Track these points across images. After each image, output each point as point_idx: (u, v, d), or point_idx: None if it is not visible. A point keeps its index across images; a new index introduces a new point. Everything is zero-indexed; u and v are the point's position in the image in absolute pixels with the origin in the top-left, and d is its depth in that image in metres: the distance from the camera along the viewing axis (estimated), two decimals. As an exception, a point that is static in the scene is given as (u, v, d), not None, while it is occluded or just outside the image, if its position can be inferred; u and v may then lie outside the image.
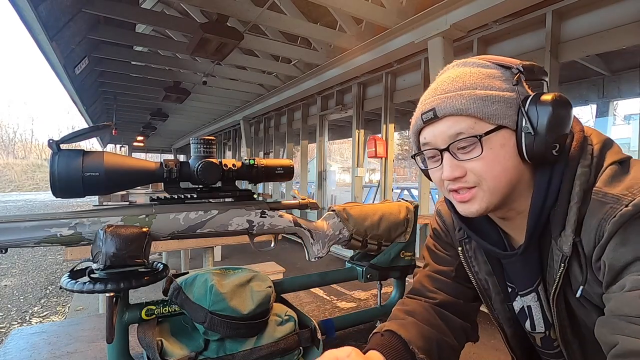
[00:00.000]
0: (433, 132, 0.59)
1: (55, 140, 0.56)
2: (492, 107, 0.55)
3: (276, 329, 0.70)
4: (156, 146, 17.82)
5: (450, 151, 0.58)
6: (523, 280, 0.65)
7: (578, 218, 0.54)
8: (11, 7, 3.08)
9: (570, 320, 0.61)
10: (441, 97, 0.58)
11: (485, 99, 0.56)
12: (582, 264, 0.55)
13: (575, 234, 0.54)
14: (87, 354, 0.81)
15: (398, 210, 0.92)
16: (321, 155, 6.87)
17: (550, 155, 0.55)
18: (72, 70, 5.01)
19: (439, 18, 3.27)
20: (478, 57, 0.62)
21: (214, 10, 3.77)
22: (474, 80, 0.57)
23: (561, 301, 0.59)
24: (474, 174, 0.57)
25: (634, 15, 2.76)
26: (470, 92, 0.56)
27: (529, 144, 0.55)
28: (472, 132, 0.56)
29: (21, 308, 3.96)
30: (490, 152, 0.56)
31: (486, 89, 0.56)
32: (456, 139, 0.57)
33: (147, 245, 0.60)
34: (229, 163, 0.70)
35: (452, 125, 0.57)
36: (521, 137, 0.55)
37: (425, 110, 0.59)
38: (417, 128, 0.62)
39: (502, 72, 0.58)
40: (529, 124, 0.54)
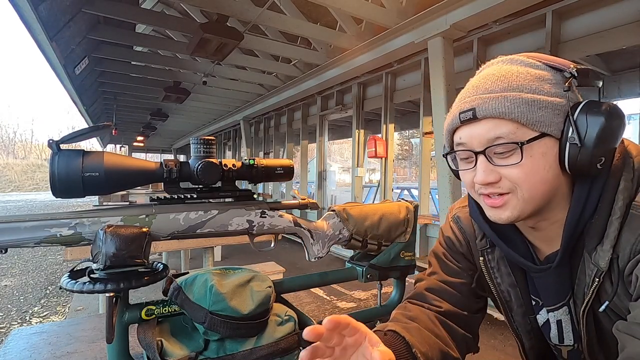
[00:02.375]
0: (470, 132, 0.55)
1: (55, 140, 0.56)
2: (538, 113, 0.51)
3: (276, 329, 0.70)
4: (156, 146, 17.82)
5: (487, 155, 0.54)
6: (553, 294, 0.61)
7: (618, 233, 0.51)
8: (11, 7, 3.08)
9: (597, 333, 0.59)
10: (483, 97, 0.54)
11: (532, 104, 0.51)
12: (614, 280, 0.52)
13: (614, 249, 0.52)
14: (87, 354, 0.81)
15: (398, 210, 0.92)
16: (321, 155, 6.87)
17: (594, 169, 0.51)
18: (72, 70, 5.01)
19: (439, 18, 3.27)
20: (527, 55, 0.57)
21: (214, 10, 3.77)
22: (521, 82, 0.53)
23: (590, 315, 0.57)
24: (510, 180, 0.54)
25: (634, 15, 2.76)
26: (516, 94, 0.52)
27: (573, 156, 0.51)
28: (512, 138, 0.52)
29: (21, 308, 3.96)
30: (530, 161, 0.52)
31: (534, 93, 0.52)
32: (494, 143, 0.53)
33: (147, 245, 0.60)
34: (229, 163, 0.70)
35: (491, 128, 0.53)
36: (565, 147, 0.52)
37: (464, 109, 0.55)
38: (453, 127, 0.58)
39: (552, 75, 0.54)
40: (576, 135, 0.51)
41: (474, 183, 0.58)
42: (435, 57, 3.38)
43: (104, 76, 6.34)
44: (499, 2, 2.81)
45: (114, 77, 6.43)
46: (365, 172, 6.02)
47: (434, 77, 3.39)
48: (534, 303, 0.66)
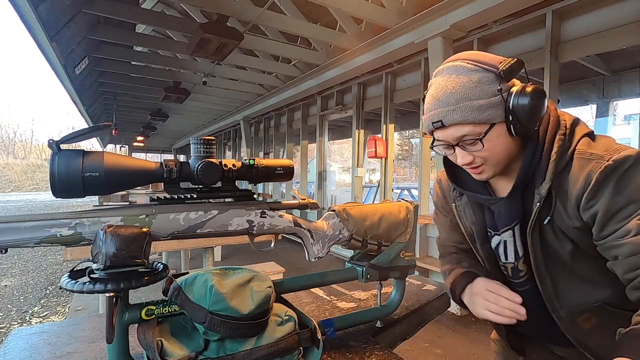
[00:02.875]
0: (444, 134, 0.75)
1: (55, 140, 0.56)
2: (485, 114, 0.71)
3: (276, 329, 0.70)
4: (156, 146, 17.82)
5: (460, 146, 0.75)
6: (505, 220, 0.80)
7: (554, 170, 0.72)
8: (11, 7, 3.08)
9: (543, 250, 0.77)
10: (445, 110, 0.72)
11: (480, 108, 0.70)
12: (553, 202, 0.73)
13: (552, 182, 0.72)
14: (87, 354, 0.81)
15: (398, 210, 0.92)
16: (321, 155, 6.87)
17: (532, 131, 0.73)
18: (72, 70, 5.02)
19: (439, 18, 3.27)
20: (466, 58, 0.74)
21: (214, 10, 3.77)
22: (468, 93, 0.71)
23: (537, 231, 0.76)
24: (481, 158, 0.75)
25: (634, 15, 2.76)
26: (466, 104, 0.71)
27: (517, 131, 0.72)
28: (473, 135, 0.72)
29: (21, 308, 3.96)
30: (489, 144, 0.73)
31: (479, 99, 0.70)
32: (462, 139, 0.73)
33: (147, 245, 0.60)
34: (229, 163, 0.70)
35: (457, 130, 0.73)
36: (511, 130, 0.72)
37: (435, 120, 0.74)
38: (430, 129, 0.78)
39: (487, 76, 0.71)
40: (515, 118, 0.71)
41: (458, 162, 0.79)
42: (435, 57, 3.38)
43: (104, 76, 6.34)
44: (499, 2, 2.81)
45: (114, 77, 6.43)
46: (365, 172, 6.02)
47: (433, 77, 3.39)
48: (489, 234, 0.86)
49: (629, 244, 0.65)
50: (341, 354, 0.80)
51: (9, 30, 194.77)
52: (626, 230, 0.66)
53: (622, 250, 0.67)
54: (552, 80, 3.16)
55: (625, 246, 0.66)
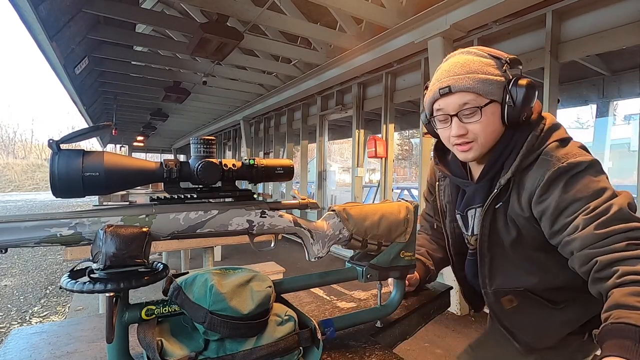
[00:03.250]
0: (446, 101, 0.84)
1: (55, 140, 0.56)
2: (489, 87, 0.81)
3: (276, 329, 0.70)
4: (156, 146, 17.82)
5: (458, 116, 0.83)
6: (470, 202, 0.93)
7: (518, 165, 0.81)
8: (11, 7, 3.08)
9: (490, 232, 0.89)
10: (455, 78, 0.82)
11: (485, 81, 0.81)
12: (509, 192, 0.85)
13: (513, 174, 0.82)
14: (87, 354, 0.81)
15: (398, 210, 0.92)
16: (321, 155, 6.87)
17: (521, 121, 0.82)
18: (72, 70, 5.01)
19: (439, 18, 3.27)
20: (477, 48, 0.87)
21: (214, 10, 3.77)
22: (477, 67, 0.82)
23: (488, 216, 0.88)
24: (473, 132, 0.83)
25: (634, 15, 2.76)
26: (475, 75, 0.81)
27: (509, 112, 0.82)
28: (474, 104, 0.81)
29: (21, 308, 3.96)
30: (485, 118, 0.82)
31: (486, 74, 0.81)
32: (463, 108, 0.82)
33: (147, 245, 0.60)
34: (229, 163, 0.70)
35: (461, 97, 0.81)
36: (504, 108, 0.82)
37: (443, 86, 0.83)
38: (433, 99, 0.86)
39: (495, 62, 0.84)
40: (511, 99, 0.81)
41: (449, 137, 0.87)
42: (435, 57, 3.38)
43: (104, 76, 6.34)
44: (499, 2, 2.81)
45: (114, 77, 6.43)
46: (365, 172, 6.02)
47: (434, 77, 3.39)
48: (456, 213, 1.00)
49: (578, 239, 0.72)
50: (341, 354, 0.80)
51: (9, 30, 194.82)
52: (574, 226, 0.73)
53: (574, 245, 0.74)
54: (552, 80, 3.16)
55: (576, 241, 0.73)
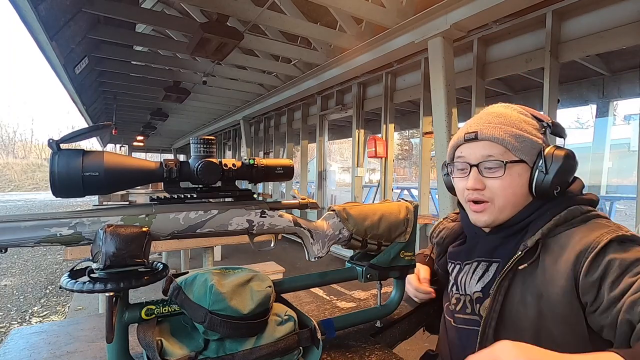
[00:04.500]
0: (470, 149, 0.76)
1: (55, 139, 0.56)
2: (521, 144, 0.72)
3: (276, 329, 0.70)
4: (156, 146, 17.82)
5: (479, 168, 0.74)
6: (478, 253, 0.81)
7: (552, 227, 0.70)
8: (11, 7, 3.08)
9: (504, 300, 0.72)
10: (485, 125, 0.74)
11: (518, 137, 0.72)
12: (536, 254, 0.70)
13: (543, 237, 0.69)
14: (87, 353, 0.81)
15: (398, 210, 0.92)
16: (321, 155, 6.87)
17: (551, 194, 0.72)
18: (72, 70, 5.01)
19: (439, 18, 3.27)
20: (520, 106, 0.78)
21: (214, 10, 3.77)
22: (514, 121, 0.74)
23: (506, 281, 0.72)
24: (491, 190, 0.74)
25: (634, 15, 2.76)
26: (508, 128, 0.73)
27: (539, 180, 0.72)
28: (500, 158, 0.72)
29: (21, 308, 3.96)
30: (509, 178, 0.72)
31: (520, 130, 0.73)
32: (486, 159, 0.73)
33: (147, 245, 0.60)
34: (229, 163, 0.70)
35: (487, 148, 0.73)
36: (534, 174, 0.72)
37: (470, 131, 0.75)
38: (457, 143, 0.79)
39: (535, 122, 0.76)
40: (544, 165, 0.71)
41: (464, 189, 0.78)
42: (435, 57, 3.38)
43: (104, 76, 6.34)
44: (499, 2, 2.81)
45: (114, 77, 6.43)
46: (365, 172, 6.02)
47: (434, 77, 3.39)
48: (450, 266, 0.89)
49: None
50: (341, 354, 0.80)
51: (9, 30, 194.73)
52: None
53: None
54: (552, 80, 3.16)
55: None
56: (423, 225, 4.41)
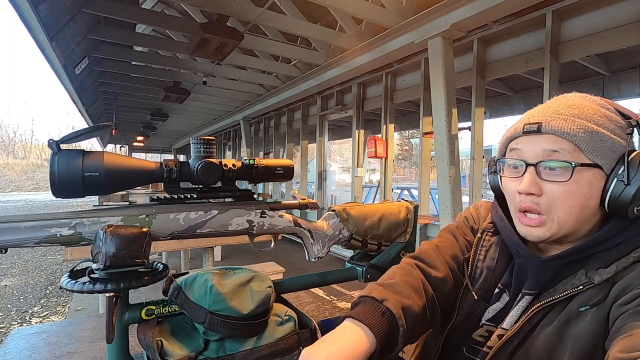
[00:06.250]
0: (529, 142, 0.58)
1: (55, 140, 0.56)
2: (597, 144, 0.55)
3: (276, 329, 0.70)
4: (156, 146, 17.81)
5: (537, 168, 0.57)
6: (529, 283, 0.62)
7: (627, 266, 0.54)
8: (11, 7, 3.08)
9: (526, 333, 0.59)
10: (552, 116, 0.57)
11: (595, 135, 0.55)
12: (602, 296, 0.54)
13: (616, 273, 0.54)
14: (87, 354, 0.81)
15: (398, 210, 0.92)
16: (321, 155, 6.87)
17: (630, 212, 0.54)
18: (72, 70, 5.01)
19: (439, 18, 3.27)
20: (601, 98, 0.61)
21: (214, 10, 3.77)
22: (591, 114, 0.57)
23: (539, 314, 0.58)
24: (549, 198, 0.56)
25: (634, 15, 2.76)
26: (583, 121, 0.56)
27: (616, 192, 0.54)
28: (568, 157, 0.55)
29: (21, 308, 3.96)
30: (576, 184, 0.55)
31: (599, 126, 0.56)
32: (549, 157, 0.56)
33: (147, 245, 0.60)
34: (229, 163, 0.70)
35: (551, 142, 0.56)
36: (612, 183, 0.55)
37: (531, 122, 0.58)
38: (513, 136, 0.61)
39: (620, 119, 0.58)
40: (626, 173, 0.54)
41: (515, 193, 0.60)
42: (435, 57, 3.38)
43: (104, 76, 6.34)
44: (499, 2, 2.81)
45: (114, 77, 6.43)
46: (365, 172, 6.02)
47: (434, 77, 3.39)
48: (496, 291, 0.66)
49: None
50: (341, 354, 0.80)
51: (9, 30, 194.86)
52: None
53: None
54: (552, 80, 3.16)
55: None
56: (423, 225, 4.41)
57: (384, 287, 0.61)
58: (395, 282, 0.63)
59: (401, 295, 0.60)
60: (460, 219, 0.79)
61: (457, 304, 0.69)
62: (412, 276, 0.66)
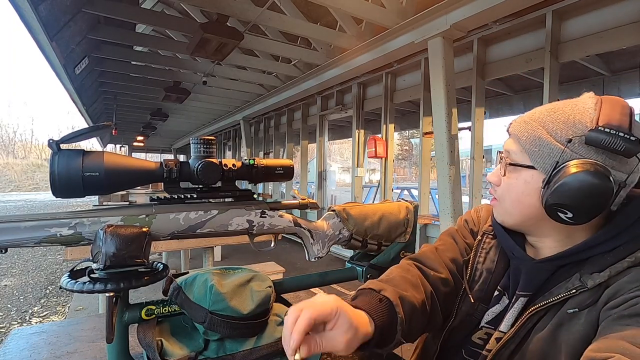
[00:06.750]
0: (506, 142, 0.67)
1: (55, 140, 0.56)
2: (535, 148, 0.59)
3: (276, 329, 0.70)
4: (156, 146, 17.82)
5: (502, 160, 0.65)
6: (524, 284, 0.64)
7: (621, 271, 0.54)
8: (11, 7, 3.08)
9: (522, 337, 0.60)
10: (520, 120, 0.64)
11: (535, 140, 0.59)
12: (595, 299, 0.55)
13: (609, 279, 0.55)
14: (87, 354, 0.81)
15: (398, 210, 0.92)
16: (321, 155, 6.87)
17: (553, 215, 0.57)
18: (72, 70, 5.01)
19: (439, 18, 3.27)
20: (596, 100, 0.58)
21: (214, 10, 3.77)
22: (549, 119, 0.59)
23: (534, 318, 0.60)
24: (501, 188, 0.65)
25: (634, 15, 2.76)
26: (536, 125, 0.60)
27: (543, 194, 0.57)
28: (513, 158, 0.63)
29: (21, 308, 3.96)
30: (515, 181, 0.62)
31: (547, 131, 0.58)
32: (503, 154, 0.65)
33: (147, 245, 0.60)
34: (229, 163, 0.70)
35: (510, 144, 0.64)
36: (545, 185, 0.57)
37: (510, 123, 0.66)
38: None
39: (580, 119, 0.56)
40: (547, 179, 0.57)
41: None
42: (435, 57, 3.38)
43: (104, 76, 6.34)
44: (499, 2, 2.81)
45: (114, 77, 6.43)
46: (365, 172, 6.02)
47: (434, 77, 3.39)
48: (496, 293, 0.68)
49: None
50: (341, 354, 0.80)
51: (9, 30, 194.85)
52: None
53: None
54: (552, 81, 3.16)
55: None
56: (423, 225, 4.41)
57: (381, 281, 0.64)
58: (393, 277, 0.66)
59: (399, 287, 0.62)
60: (460, 222, 0.82)
61: (455, 305, 0.71)
62: (410, 273, 0.68)
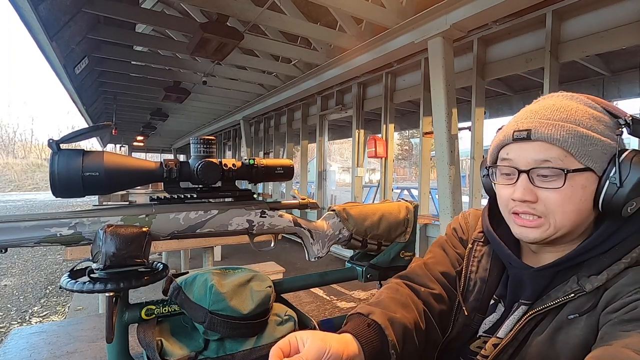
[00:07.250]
0: (520, 150, 0.58)
1: (55, 140, 0.56)
2: (588, 148, 0.55)
3: (276, 329, 0.70)
4: (156, 146, 17.82)
5: (530, 175, 0.57)
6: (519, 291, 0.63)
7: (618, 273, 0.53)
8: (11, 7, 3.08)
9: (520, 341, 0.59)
10: (541, 122, 0.57)
11: (584, 138, 0.55)
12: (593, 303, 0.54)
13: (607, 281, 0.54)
14: (87, 354, 0.81)
15: (398, 210, 0.92)
16: (321, 155, 6.87)
17: (624, 211, 0.55)
18: (72, 70, 5.01)
19: (439, 18, 3.27)
20: (587, 96, 0.60)
21: (214, 10, 3.77)
22: (579, 117, 0.56)
23: (532, 322, 0.58)
24: (545, 204, 0.57)
25: (634, 15, 2.76)
26: (572, 126, 0.55)
27: (609, 194, 0.55)
28: (559, 164, 0.55)
29: (21, 308, 3.96)
30: (570, 189, 0.55)
31: (588, 129, 0.56)
32: (541, 165, 0.56)
33: (147, 245, 0.60)
34: (229, 163, 0.70)
35: (542, 151, 0.56)
36: (604, 185, 0.55)
37: (520, 129, 0.58)
38: (503, 143, 0.61)
39: (608, 118, 0.58)
40: (618, 175, 0.54)
41: (509, 199, 0.60)
42: (435, 57, 3.38)
43: (104, 76, 6.34)
44: (499, 2, 2.81)
45: (114, 77, 6.43)
46: (365, 172, 6.02)
47: (434, 77, 3.39)
48: (491, 302, 0.66)
49: None
50: (341, 354, 0.80)
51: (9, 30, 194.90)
52: None
53: None
54: (552, 80, 3.16)
55: None
56: (423, 225, 4.41)
57: (370, 305, 0.62)
58: (382, 299, 0.63)
59: (388, 309, 0.60)
60: (449, 231, 0.78)
61: (451, 317, 0.69)
62: (399, 293, 0.66)
